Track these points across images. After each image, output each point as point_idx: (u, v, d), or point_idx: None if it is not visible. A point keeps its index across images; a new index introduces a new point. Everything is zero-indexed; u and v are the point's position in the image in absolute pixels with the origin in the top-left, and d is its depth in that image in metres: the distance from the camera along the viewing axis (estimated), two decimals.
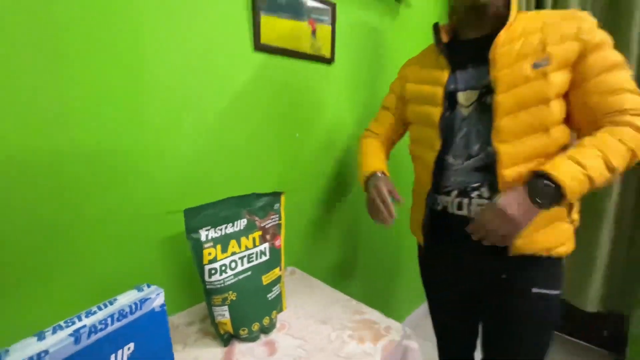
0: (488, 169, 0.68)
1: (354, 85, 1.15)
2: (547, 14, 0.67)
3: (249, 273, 0.68)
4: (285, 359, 0.63)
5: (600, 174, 0.57)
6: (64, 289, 0.64)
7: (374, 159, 0.87)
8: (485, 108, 0.68)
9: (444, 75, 0.74)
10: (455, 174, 0.74)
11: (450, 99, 0.73)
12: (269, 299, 0.71)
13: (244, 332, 0.66)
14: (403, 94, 0.87)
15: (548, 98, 0.62)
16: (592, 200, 1.26)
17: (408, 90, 0.84)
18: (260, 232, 0.71)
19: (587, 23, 0.62)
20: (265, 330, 0.70)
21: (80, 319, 0.49)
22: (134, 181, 0.69)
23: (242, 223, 0.68)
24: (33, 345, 0.44)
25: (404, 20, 1.30)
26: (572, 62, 0.62)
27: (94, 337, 0.48)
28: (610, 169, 0.57)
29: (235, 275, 0.65)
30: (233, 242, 0.66)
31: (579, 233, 0.75)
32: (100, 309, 0.52)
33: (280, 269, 0.75)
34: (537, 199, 0.59)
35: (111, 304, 0.53)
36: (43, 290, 0.61)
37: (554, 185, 0.57)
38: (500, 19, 0.68)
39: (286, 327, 0.73)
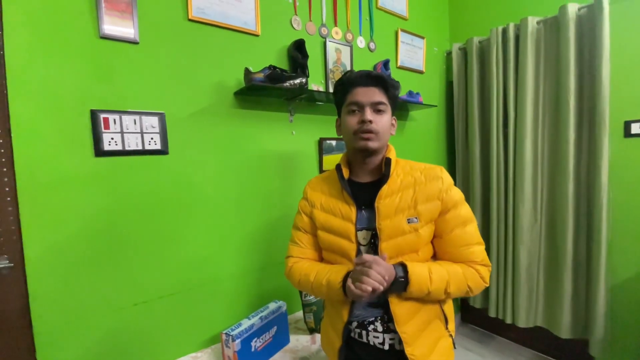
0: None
1: None
2: (417, 171, 0.84)
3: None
4: None
5: (436, 292, 0.77)
6: (244, 302, 1.36)
7: (326, 269, 0.85)
8: (376, 249, 0.82)
9: (353, 212, 0.83)
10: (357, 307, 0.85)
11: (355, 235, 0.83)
12: None
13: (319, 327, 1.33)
14: (312, 218, 0.91)
15: (418, 248, 0.82)
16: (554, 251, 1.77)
17: (317, 218, 0.89)
18: None
19: (445, 183, 0.82)
20: None
21: (258, 313, 1.20)
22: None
23: None
24: (247, 321, 1.15)
25: (410, 129, 2.00)
26: (435, 218, 0.82)
27: (265, 320, 1.18)
28: (446, 293, 0.79)
29: (314, 299, 1.33)
30: None
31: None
32: (264, 310, 1.22)
33: None
34: (392, 285, 0.74)
35: (267, 308, 1.24)
36: (237, 307, 1.34)
37: (403, 281, 0.75)
38: (383, 170, 0.84)
39: None
